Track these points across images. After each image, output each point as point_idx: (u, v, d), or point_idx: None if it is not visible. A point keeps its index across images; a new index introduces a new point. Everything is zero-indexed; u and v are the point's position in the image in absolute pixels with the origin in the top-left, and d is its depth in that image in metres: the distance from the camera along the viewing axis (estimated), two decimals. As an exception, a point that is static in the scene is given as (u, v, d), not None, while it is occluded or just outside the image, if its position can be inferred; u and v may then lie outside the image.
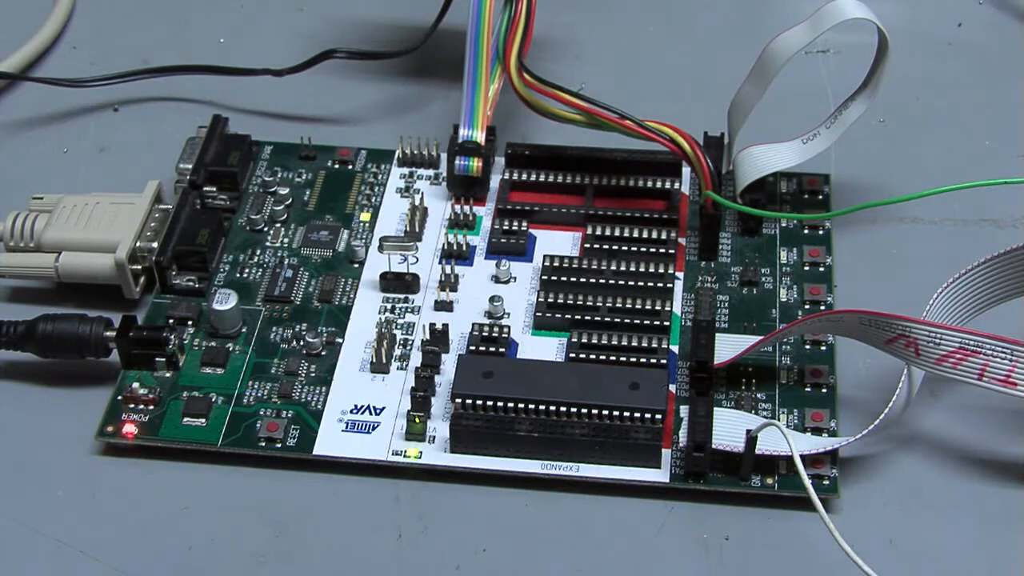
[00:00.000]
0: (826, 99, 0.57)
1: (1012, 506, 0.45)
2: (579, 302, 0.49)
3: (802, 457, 0.45)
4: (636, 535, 0.45)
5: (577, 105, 0.51)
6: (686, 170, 0.53)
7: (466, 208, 0.52)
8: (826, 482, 0.45)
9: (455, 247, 0.51)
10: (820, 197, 0.53)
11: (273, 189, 0.54)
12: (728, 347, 0.47)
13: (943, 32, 0.61)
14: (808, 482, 0.42)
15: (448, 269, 0.51)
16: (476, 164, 0.53)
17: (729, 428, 0.45)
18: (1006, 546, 0.44)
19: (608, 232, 0.51)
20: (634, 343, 0.48)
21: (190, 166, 0.53)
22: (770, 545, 0.44)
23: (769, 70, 0.50)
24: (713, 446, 0.45)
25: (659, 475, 0.45)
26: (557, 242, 0.52)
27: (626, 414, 0.45)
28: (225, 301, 0.49)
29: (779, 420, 0.46)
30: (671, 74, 0.59)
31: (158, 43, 0.61)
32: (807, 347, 0.48)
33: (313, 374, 0.48)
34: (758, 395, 0.47)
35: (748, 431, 0.44)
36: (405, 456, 0.46)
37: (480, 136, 0.53)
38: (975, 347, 0.44)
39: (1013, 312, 0.46)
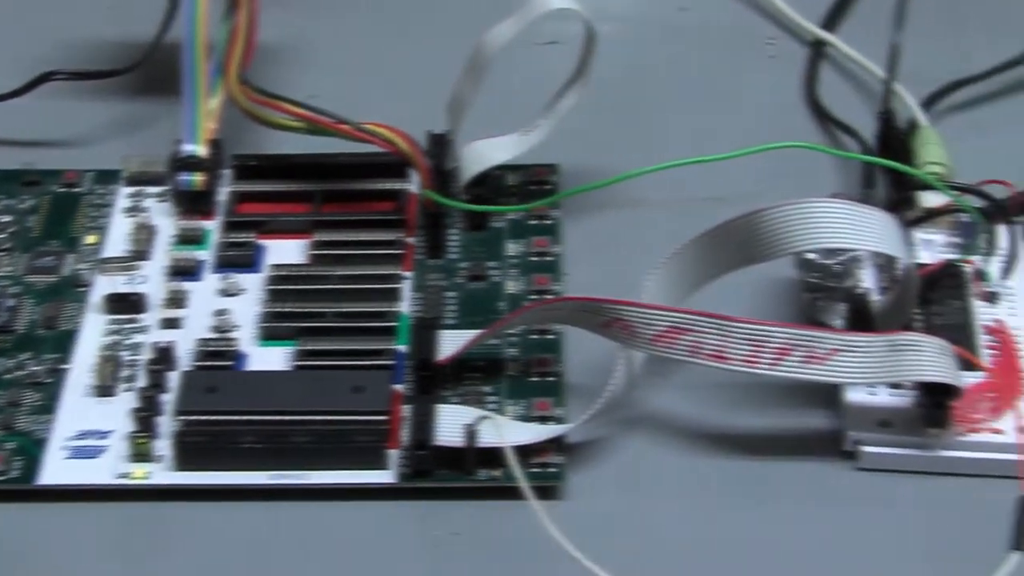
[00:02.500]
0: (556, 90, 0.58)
1: (738, 478, 0.46)
2: (306, 310, 0.49)
3: (528, 446, 0.45)
4: (368, 538, 0.45)
5: (296, 113, 0.51)
6: (417, 169, 0.53)
7: (193, 223, 0.52)
8: (553, 469, 0.45)
9: (183, 263, 0.51)
10: (549, 187, 0.54)
11: (-4, 218, 0.53)
12: (454, 343, 0.47)
13: (667, 16, 0.62)
14: (517, 471, 0.42)
15: (175, 286, 0.50)
16: (199, 179, 0.52)
17: (454, 424, 0.45)
18: (734, 519, 0.45)
19: (336, 237, 0.51)
20: (361, 346, 0.48)
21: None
22: (500, 536, 0.44)
23: (481, 65, 0.50)
24: (437, 443, 0.45)
25: (387, 476, 0.45)
26: (286, 251, 0.51)
27: (349, 418, 0.45)
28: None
29: (506, 412, 0.47)
30: (404, 75, 0.60)
31: None
32: (534, 337, 0.49)
33: (38, 403, 0.47)
34: (485, 389, 0.47)
35: (466, 425, 0.44)
36: (131, 478, 0.45)
37: (203, 150, 0.52)
38: (686, 325, 0.44)
39: (723, 288, 0.47)
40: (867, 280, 0.49)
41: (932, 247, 0.50)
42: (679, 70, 0.60)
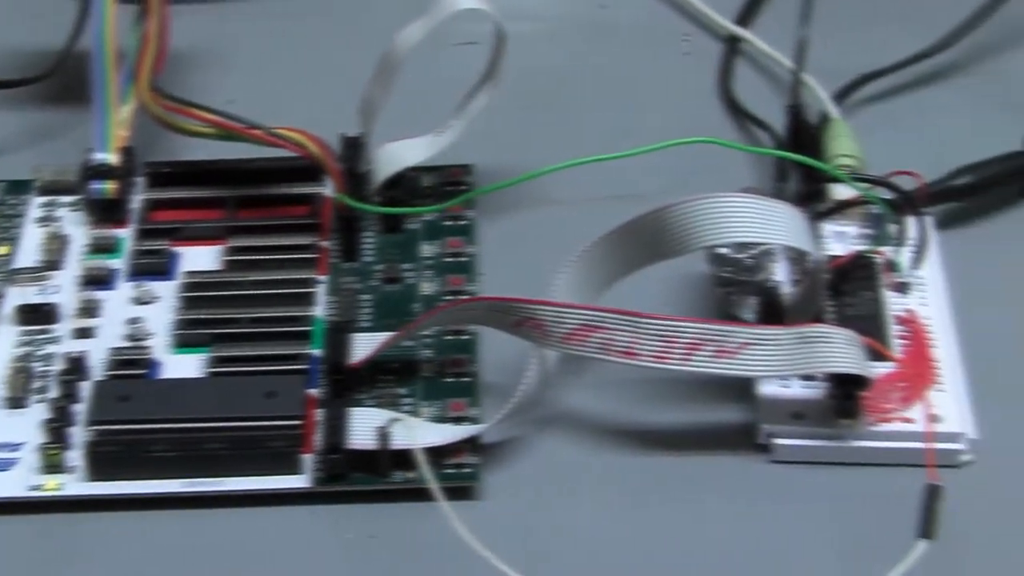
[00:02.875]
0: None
1: (653, 475, 0.46)
2: (219, 316, 0.49)
3: (443, 447, 0.45)
4: (283, 543, 0.44)
5: (208, 119, 0.51)
6: (333, 173, 0.53)
7: (106, 232, 0.52)
8: (468, 470, 0.45)
9: (96, 272, 0.51)
10: (464, 187, 0.54)
11: (-96, 234, 0.52)
12: (367, 346, 0.47)
13: (586, 15, 0.62)
14: (427, 472, 0.42)
15: (88, 295, 0.50)
16: (112, 187, 0.52)
17: (366, 427, 0.45)
18: (649, 515, 0.45)
19: (250, 243, 0.51)
20: (275, 351, 0.48)
21: None
22: (416, 538, 0.44)
23: (391, 66, 0.50)
24: (350, 446, 0.45)
25: (301, 481, 0.45)
26: (200, 258, 0.51)
27: (263, 423, 0.45)
28: None
29: (421, 413, 0.47)
30: (322, 78, 0.59)
31: None
32: (449, 338, 0.49)
33: (-51, 418, 0.47)
34: (400, 391, 0.47)
35: (378, 428, 0.44)
36: (44, 490, 0.45)
37: (115, 158, 0.52)
38: (597, 322, 0.44)
39: (639, 284, 0.47)
40: (779, 273, 0.49)
41: (844, 239, 0.51)
42: (597, 68, 0.60)
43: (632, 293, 0.47)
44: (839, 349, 0.44)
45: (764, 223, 0.44)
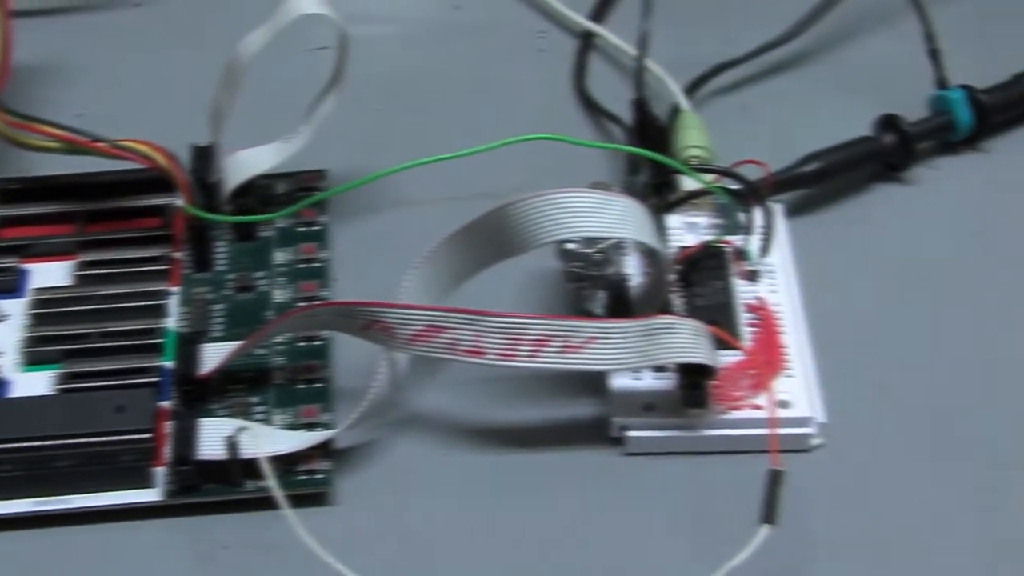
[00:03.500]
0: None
1: (509, 472, 0.46)
2: (70, 332, 0.48)
3: (295, 454, 0.45)
4: (138, 558, 0.44)
5: (52, 134, 0.50)
6: (185, 183, 0.53)
7: (-47, 252, 0.51)
8: (320, 476, 0.45)
9: (-57, 293, 0.50)
10: (318, 193, 0.54)
11: None
12: (217, 356, 0.47)
13: (441, 15, 0.62)
14: (272, 480, 0.42)
15: (-64, 316, 0.49)
16: (-47, 207, 0.52)
17: (216, 437, 0.45)
18: (506, 513, 0.45)
19: (101, 257, 0.51)
20: (126, 365, 0.47)
21: None
22: (270, 547, 0.44)
23: (236, 74, 0.50)
24: (200, 457, 0.45)
25: (153, 494, 0.45)
26: (51, 273, 0.51)
27: (112, 438, 0.45)
28: None
29: (273, 421, 0.46)
30: (174, 88, 0.59)
31: None
32: (302, 344, 0.49)
33: None
34: (252, 399, 0.47)
35: (227, 437, 0.44)
36: None
37: (-43, 177, 0.52)
38: (442, 323, 0.44)
39: (493, 282, 0.47)
40: (630, 267, 0.49)
41: (695, 229, 0.51)
42: (453, 68, 0.60)
43: (488, 292, 0.48)
44: (684, 340, 0.45)
45: (603, 217, 0.44)
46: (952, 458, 0.46)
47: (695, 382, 0.45)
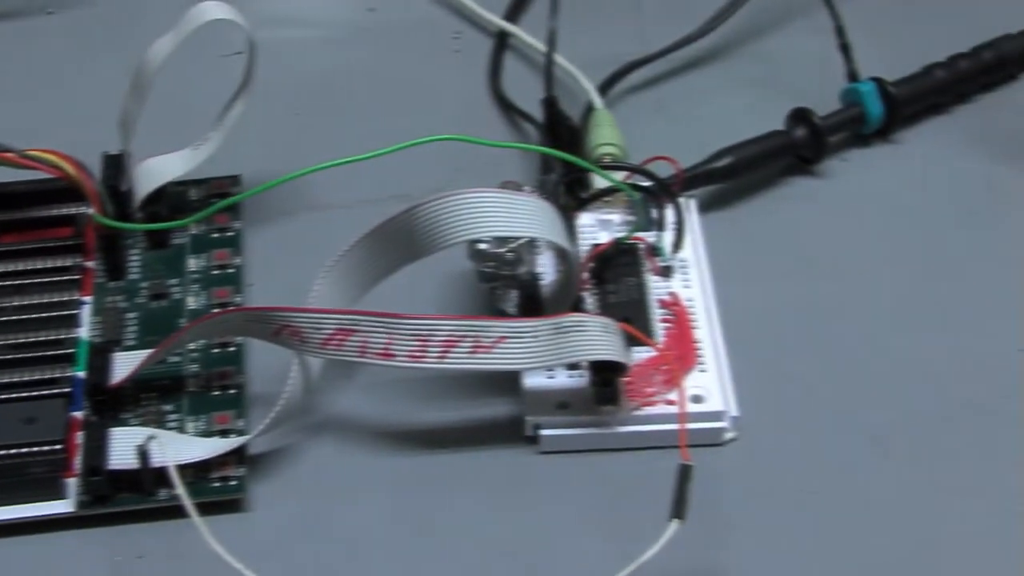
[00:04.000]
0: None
1: (425, 474, 0.46)
2: (-20, 343, 0.48)
3: (209, 461, 0.45)
4: (51, 571, 0.44)
5: (-42, 145, 0.50)
6: (98, 192, 0.52)
7: None
8: (234, 482, 0.45)
9: None
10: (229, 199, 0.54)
11: None
12: (129, 365, 0.47)
13: (356, 18, 0.62)
14: (181, 488, 0.42)
15: None
16: None
17: (127, 446, 0.44)
18: (422, 514, 0.45)
19: (12, 268, 0.50)
20: (38, 376, 0.47)
21: None
22: (185, 555, 0.44)
23: (144, 81, 0.50)
24: (111, 467, 0.44)
25: (66, 506, 0.45)
26: (-37, 286, 0.51)
27: (23, 450, 0.44)
28: None
29: (187, 428, 0.46)
30: (86, 97, 0.59)
31: None
32: (216, 351, 0.48)
33: None
34: (166, 407, 0.47)
35: (138, 446, 0.44)
36: None
37: None
38: (352, 326, 0.44)
39: (410, 284, 0.47)
40: (544, 265, 0.50)
41: (609, 226, 0.51)
42: (369, 71, 0.60)
43: (405, 294, 0.48)
44: (594, 337, 0.45)
45: (510, 217, 0.44)
46: (860, 449, 0.46)
47: (607, 379, 0.45)
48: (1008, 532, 0.44)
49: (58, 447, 0.45)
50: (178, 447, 0.44)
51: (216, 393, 0.47)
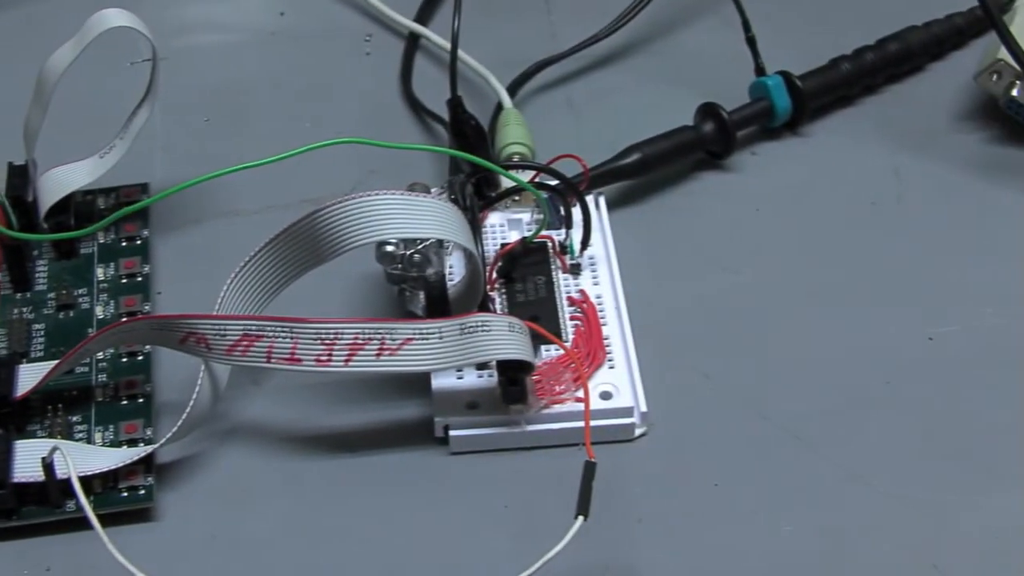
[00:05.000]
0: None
1: (336, 477, 0.46)
2: None
3: (117, 470, 0.45)
4: (-43, 587, 0.44)
5: None
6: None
7: None
8: (142, 492, 0.45)
9: None
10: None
11: None
12: (34, 377, 0.46)
13: (266, 23, 0.62)
14: (83, 499, 0.41)
15: None
16: None
17: (31, 459, 0.44)
18: (334, 519, 0.45)
19: (-86, 281, 0.50)
20: (-61, 390, 0.47)
21: None
22: (94, 566, 0.44)
23: (45, 90, 0.49)
24: (17, 480, 0.44)
25: (-30, 520, 0.44)
26: None
27: (-74, 465, 0.44)
28: None
29: (95, 439, 0.46)
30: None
31: None
32: (123, 360, 0.48)
33: None
34: (74, 418, 0.47)
35: (42, 459, 0.44)
36: None
37: None
38: (258, 332, 0.44)
39: (302, 291, 0.47)
40: (453, 266, 0.50)
41: (519, 226, 0.51)
42: (280, 75, 0.60)
43: (317, 297, 0.48)
44: (500, 336, 0.45)
45: (411, 219, 0.44)
46: (770, 441, 0.47)
47: (514, 378, 0.45)
48: (916, 521, 0.45)
49: (-38, 461, 0.44)
50: (83, 458, 0.44)
51: (124, 402, 0.47)
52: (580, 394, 0.46)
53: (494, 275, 0.49)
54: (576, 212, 0.50)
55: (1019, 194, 0.54)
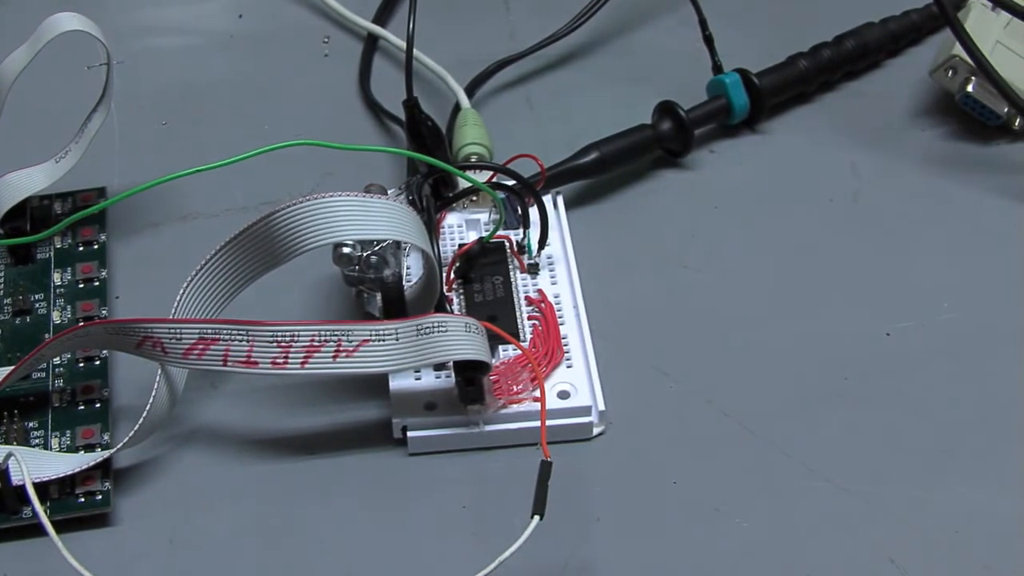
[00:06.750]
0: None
1: (296, 480, 0.46)
2: None
3: (74, 476, 0.45)
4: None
5: None
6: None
7: None
8: (99, 497, 0.45)
9: None
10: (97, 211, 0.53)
11: None
12: (-9, 382, 0.47)
13: (225, 25, 0.62)
14: (37, 506, 0.41)
15: None
16: None
17: (-9, 465, 0.44)
18: (295, 521, 0.45)
19: None
20: None
21: None
22: (51, 573, 0.43)
23: (-1, 94, 0.50)
24: (-26, 486, 0.44)
25: (-73, 527, 0.44)
26: None
27: None
28: None
29: (52, 444, 0.46)
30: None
31: None
32: (80, 365, 0.48)
33: None
34: (30, 424, 0.46)
35: (-5, 465, 0.44)
36: None
37: None
38: (214, 335, 0.44)
39: (260, 294, 0.47)
40: (411, 267, 0.50)
41: (477, 226, 0.51)
42: (239, 78, 0.60)
43: (274, 300, 0.48)
44: (456, 337, 0.45)
45: (364, 220, 0.44)
46: (728, 439, 0.47)
47: (470, 378, 0.45)
48: (874, 516, 0.45)
49: (-80, 469, 0.44)
50: (39, 464, 0.44)
51: (81, 407, 0.47)
52: (537, 394, 0.46)
53: (451, 275, 0.49)
54: (533, 212, 0.50)
55: (974, 189, 0.54)
